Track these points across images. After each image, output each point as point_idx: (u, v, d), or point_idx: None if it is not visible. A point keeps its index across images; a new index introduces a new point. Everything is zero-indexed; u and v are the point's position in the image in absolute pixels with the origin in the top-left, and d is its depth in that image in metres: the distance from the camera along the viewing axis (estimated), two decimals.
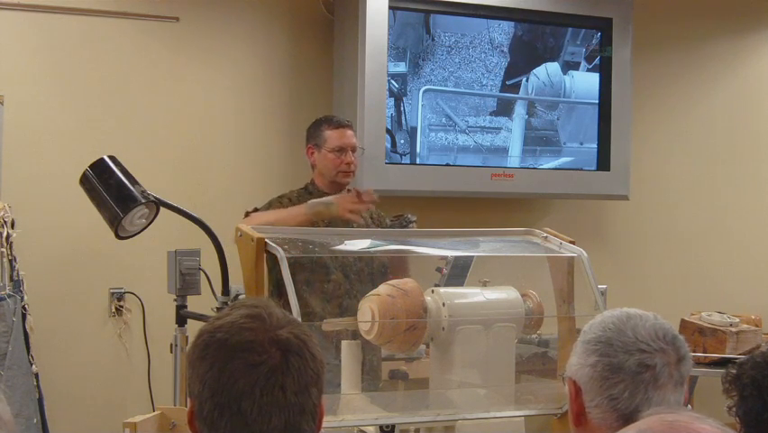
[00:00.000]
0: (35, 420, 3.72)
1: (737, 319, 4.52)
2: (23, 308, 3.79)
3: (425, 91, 4.64)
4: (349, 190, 3.75)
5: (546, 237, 3.01)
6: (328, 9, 4.68)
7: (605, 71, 5.01)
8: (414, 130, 4.62)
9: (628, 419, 1.68)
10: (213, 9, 4.51)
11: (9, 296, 3.75)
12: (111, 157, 2.91)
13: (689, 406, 1.77)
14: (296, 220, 3.36)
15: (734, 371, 1.86)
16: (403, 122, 4.60)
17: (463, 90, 4.72)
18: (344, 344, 2.75)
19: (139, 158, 3.88)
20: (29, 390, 3.72)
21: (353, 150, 3.72)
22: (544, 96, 4.92)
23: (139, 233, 2.89)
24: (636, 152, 5.18)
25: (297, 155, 4.01)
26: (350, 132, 3.74)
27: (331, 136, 3.70)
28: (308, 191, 3.74)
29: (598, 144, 5.02)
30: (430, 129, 4.67)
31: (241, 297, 3.06)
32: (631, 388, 1.70)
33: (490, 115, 4.79)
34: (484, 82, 4.76)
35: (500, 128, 4.81)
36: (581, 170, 5.01)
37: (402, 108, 4.58)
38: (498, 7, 4.75)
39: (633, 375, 1.70)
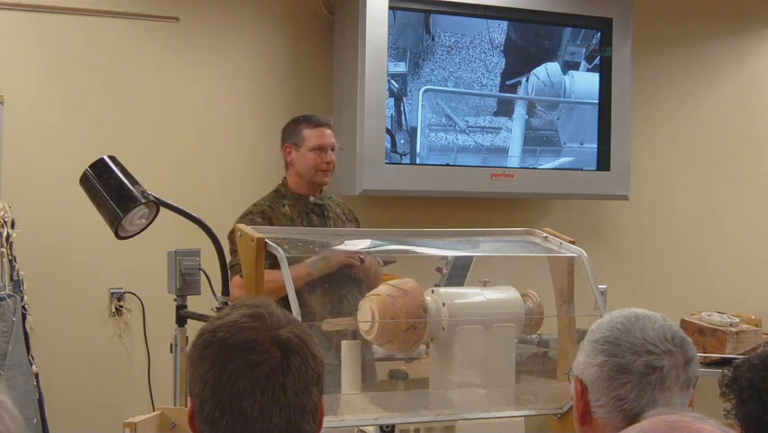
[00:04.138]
0: (35, 420, 3.72)
1: (737, 319, 4.52)
2: (23, 308, 3.79)
3: (425, 91, 4.64)
4: (321, 190, 3.74)
5: (546, 237, 3.01)
6: (328, 9, 4.68)
7: (605, 71, 5.01)
8: (414, 130, 4.62)
9: (634, 419, 1.67)
10: (213, 9, 4.51)
11: (9, 296, 3.74)
12: (111, 157, 2.90)
13: (689, 406, 1.76)
14: (302, 281, 3.39)
15: (730, 374, 1.85)
16: (403, 122, 4.60)
17: (463, 90, 4.72)
18: (344, 344, 2.75)
19: (139, 158, 3.87)
20: (29, 390, 3.72)
21: (333, 149, 3.71)
22: (544, 96, 4.92)
23: (139, 233, 2.89)
24: (636, 152, 5.18)
25: None
26: (329, 131, 3.74)
27: (310, 135, 3.69)
28: (281, 194, 3.71)
29: (598, 144, 5.02)
30: (430, 129, 4.67)
31: None
32: (638, 389, 1.70)
33: (490, 115, 4.79)
34: (484, 82, 4.76)
35: (500, 128, 4.81)
36: (581, 170, 5.01)
37: (402, 108, 4.58)
38: (498, 7, 4.75)
39: (640, 377, 1.70)
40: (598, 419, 1.73)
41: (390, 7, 4.48)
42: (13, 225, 3.79)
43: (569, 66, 4.95)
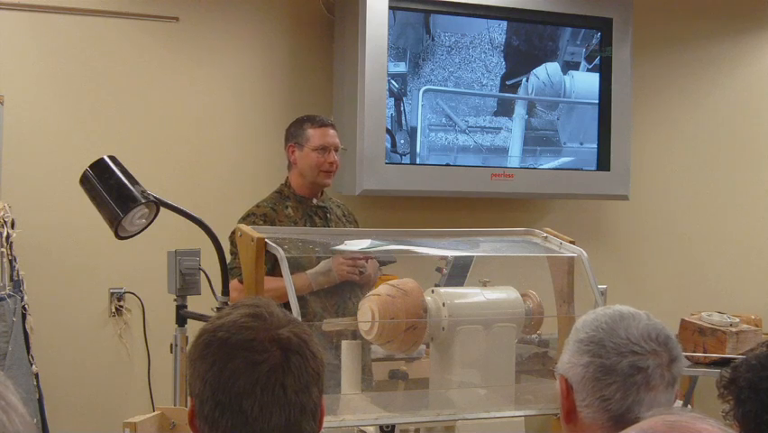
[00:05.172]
0: (35, 420, 3.72)
1: (737, 319, 4.51)
2: (23, 308, 3.79)
3: (425, 91, 4.64)
4: (322, 192, 3.74)
5: (546, 237, 3.01)
6: (328, 9, 4.68)
7: (605, 71, 5.01)
8: (414, 130, 4.62)
9: (619, 419, 1.69)
10: (213, 9, 4.51)
11: (9, 296, 3.75)
12: (111, 157, 2.90)
13: (689, 406, 1.77)
14: (302, 292, 3.38)
15: (728, 375, 1.86)
16: (403, 122, 4.60)
17: (463, 90, 4.73)
18: (344, 344, 2.75)
19: (139, 158, 3.88)
20: (29, 390, 3.72)
21: (336, 149, 3.71)
22: (544, 96, 4.92)
23: (139, 233, 2.88)
24: (636, 152, 5.18)
25: None
26: (332, 131, 3.73)
27: (314, 135, 3.68)
28: (283, 196, 3.70)
29: (598, 144, 5.02)
30: (430, 129, 4.67)
31: None
32: (623, 390, 1.71)
33: (490, 115, 4.79)
34: (484, 82, 4.76)
35: (500, 128, 4.82)
36: (581, 170, 5.01)
37: (402, 108, 4.58)
38: (498, 7, 4.75)
39: (625, 377, 1.71)
40: (584, 418, 1.75)
41: (390, 7, 4.48)
42: (13, 225, 3.80)
43: (569, 66, 4.95)
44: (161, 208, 2.84)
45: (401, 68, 4.58)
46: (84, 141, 4.19)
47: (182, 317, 3.25)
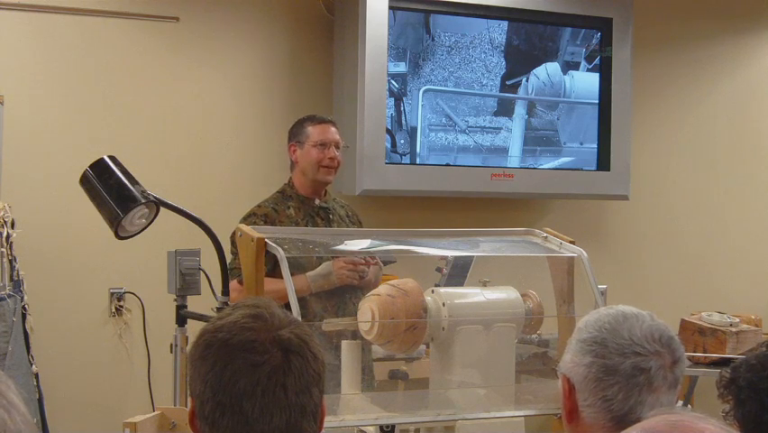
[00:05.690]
0: (35, 420, 3.72)
1: (737, 319, 4.51)
2: (23, 308, 3.79)
3: (425, 91, 4.64)
4: (325, 193, 3.73)
5: (546, 237, 3.01)
6: (328, 9, 4.68)
7: (605, 71, 5.01)
8: (414, 130, 4.62)
9: (621, 420, 1.69)
10: (213, 9, 4.51)
11: (9, 296, 3.75)
12: (111, 157, 2.90)
13: (689, 406, 1.77)
14: (300, 294, 3.35)
15: (728, 375, 1.86)
16: (403, 122, 4.60)
17: (463, 90, 4.73)
18: (344, 344, 2.75)
19: (139, 158, 3.88)
20: (29, 390, 3.72)
21: (337, 146, 3.70)
22: (544, 96, 4.92)
23: (139, 233, 2.88)
24: (636, 152, 5.18)
25: None
26: (333, 128, 3.73)
27: (313, 132, 3.69)
28: (285, 196, 3.69)
29: (598, 144, 5.02)
30: (430, 129, 4.67)
31: None
32: (625, 390, 1.70)
33: (490, 115, 4.80)
34: (484, 82, 4.76)
35: (500, 128, 4.82)
36: (581, 170, 5.01)
37: (402, 108, 4.58)
38: (498, 7, 4.75)
39: (627, 378, 1.71)
40: (586, 418, 1.74)
41: (390, 7, 4.48)
42: (13, 225, 3.80)
43: (569, 66, 4.95)
44: (161, 208, 2.84)
45: (401, 68, 4.58)
46: (84, 141, 4.19)
47: (182, 317, 3.25)
